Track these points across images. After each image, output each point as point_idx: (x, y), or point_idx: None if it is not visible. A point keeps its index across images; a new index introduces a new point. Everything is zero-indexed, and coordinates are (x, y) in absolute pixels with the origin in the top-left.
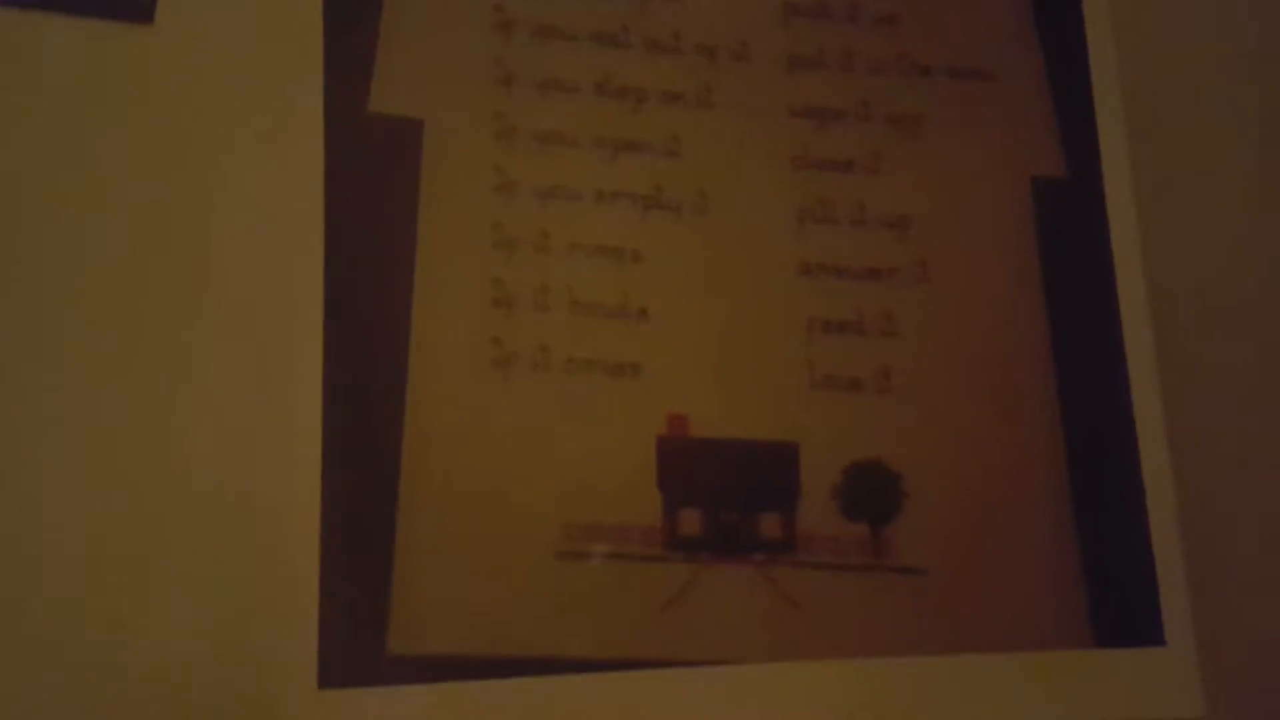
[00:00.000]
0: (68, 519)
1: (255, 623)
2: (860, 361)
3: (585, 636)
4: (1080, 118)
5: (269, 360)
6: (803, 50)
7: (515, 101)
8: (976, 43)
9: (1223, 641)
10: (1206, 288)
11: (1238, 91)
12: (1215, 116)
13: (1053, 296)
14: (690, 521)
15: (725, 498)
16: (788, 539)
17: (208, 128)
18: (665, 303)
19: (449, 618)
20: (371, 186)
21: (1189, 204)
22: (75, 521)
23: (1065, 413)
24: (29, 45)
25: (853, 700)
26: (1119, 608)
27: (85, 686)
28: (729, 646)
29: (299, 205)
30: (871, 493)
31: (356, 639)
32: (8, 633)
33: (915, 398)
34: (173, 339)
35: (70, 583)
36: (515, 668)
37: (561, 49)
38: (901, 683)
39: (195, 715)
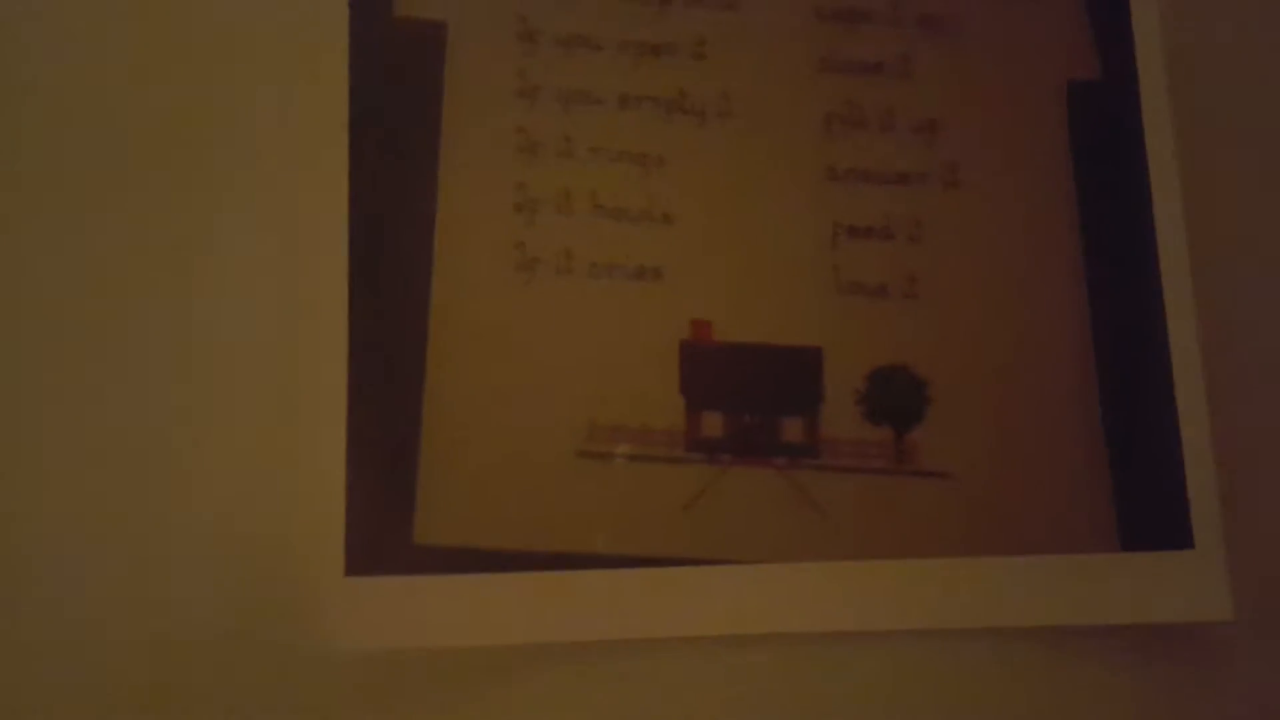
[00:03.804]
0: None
1: (285, 512)
2: (886, 267)
3: (607, 533)
4: (1115, 19)
5: (295, 260)
6: None
7: (538, 4)
8: None
9: (1252, 546)
10: (1243, 191)
11: None
12: (1255, 13)
13: (1086, 200)
14: (712, 424)
15: (747, 402)
16: (810, 443)
17: (233, 35)
18: (689, 208)
19: (473, 511)
20: (396, 90)
21: (1226, 105)
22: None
23: (1095, 317)
24: None
25: (875, 600)
26: (1147, 511)
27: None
28: (750, 547)
29: (324, 109)
30: (896, 397)
31: (383, 529)
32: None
33: (941, 304)
34: (202, 239)
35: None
36: (537, 562)
37: None
38: (924, 583)
39: (228, 602)
